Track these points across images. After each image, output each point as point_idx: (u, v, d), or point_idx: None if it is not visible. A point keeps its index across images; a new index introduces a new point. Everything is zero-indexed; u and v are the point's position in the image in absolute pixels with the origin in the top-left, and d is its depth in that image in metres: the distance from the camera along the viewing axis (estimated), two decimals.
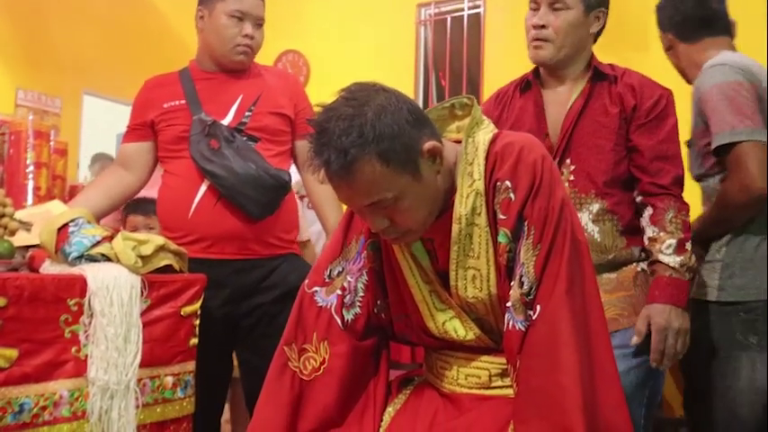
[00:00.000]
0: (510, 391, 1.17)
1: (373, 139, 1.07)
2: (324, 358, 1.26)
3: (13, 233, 1.58)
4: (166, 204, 1.94)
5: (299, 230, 2.06)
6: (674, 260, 1.56)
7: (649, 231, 1.60)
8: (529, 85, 1.76)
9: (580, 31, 1.66)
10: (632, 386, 1.49)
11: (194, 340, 1.64)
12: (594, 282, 1.17)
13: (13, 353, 1.32)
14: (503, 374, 1.21)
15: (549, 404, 1.05)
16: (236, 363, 2.01)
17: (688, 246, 1.58)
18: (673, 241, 1.56)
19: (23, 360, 1.33)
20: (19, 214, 1.71)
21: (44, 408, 1.35)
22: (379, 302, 1.30)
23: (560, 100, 1.70)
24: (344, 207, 1.35)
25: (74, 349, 1.41)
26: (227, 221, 1.84)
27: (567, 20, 1.64)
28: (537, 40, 1.67)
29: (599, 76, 1.68)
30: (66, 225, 1.56)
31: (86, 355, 1.43)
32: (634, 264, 1.64)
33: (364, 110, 1.09)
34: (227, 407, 2.31)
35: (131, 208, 3.00)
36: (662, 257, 1.56)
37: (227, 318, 1.86)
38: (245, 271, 1.87)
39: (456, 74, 4.73)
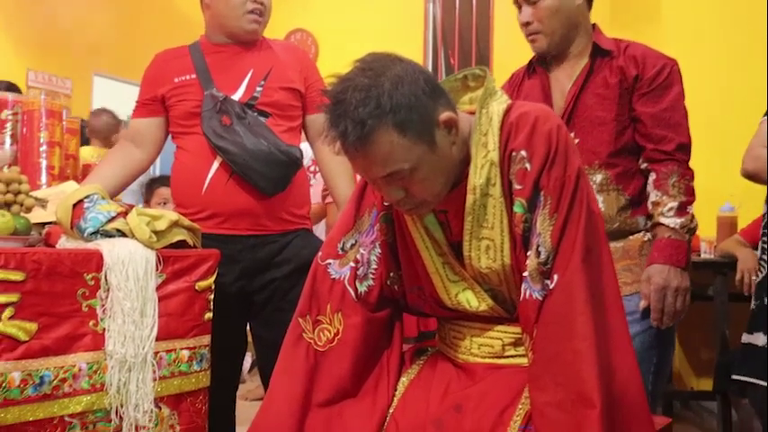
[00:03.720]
0: (523, 360, 1.19)
1: (390, 110, 1.07)
2: (338, 329, 1.27)
3: (29, 210, 1.60)
4: (179, 181, 1.94)
5: (310, 205, 2.07)
6: (674, 222, 1.58)
7: (653, 196, 1.62)
8: (534, 68, 1.81)
9: (564, 10, 1.69)
10: (639, 352, 1.51)
11: (209, 314, 1.65)
12: (608, 251, 1.17)
13: (32, 326, 1.33)
14: (516, 344, 1.22)
15: (566, 371, 1.05)
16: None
17: (690, 209, 1.60)
18: (674, 204, 1.59)
19: (42, 333, 1.35)
20: (34, 194, 1.73)
21: (64, 380, 1.37)
22: (392, 274, 1.31)
23: (564, 79, 1.74)
24: (357, 179, 1.36)
25: (91, 323, 1.43)
26: (239, 197, 1.85)
27: (547, 6, 1.68)
28: (530, 35, 1.73)
29: (599, 51, 1.70)
30: (80, 201, 1.57)
31: (104, 329, 1.44)
32: (641, 233, 1.65)
33: (381, 80, 1.08)
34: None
35: (159, 181, 3.08)
36: (662, 219, 1.59)
37: (241, 293, 1.88)
38: (258, 246, 1.88)
39: (465, 51, 4.70)
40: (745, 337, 2.12)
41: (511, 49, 2.07)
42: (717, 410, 2.81)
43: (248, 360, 3.76)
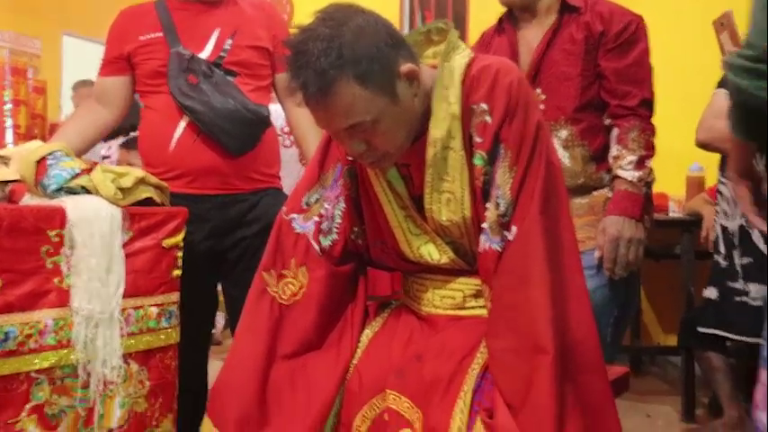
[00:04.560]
0: (483, 312, 1.21)
1: (351, 61, 1.07)
2: (302, 283, 1.28)
3: None
4: (147, 140, 1.92)
5: (280, 164, 2.07)
6: (632, 175, 1.60)
7: (614, 150, 1.65)
8: (503, 26, 1.81)
9: None
10: (599, 304, 1.54)
11: (177, 272, 1.65)
12: (567, 204, 1.19)
13: None
14: (476, 295, 1.24)
15: (521, 319, 1.08)
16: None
17: (648, 163, 1.63)
18: (633, 158, 1.61)
19: (6, 290, 1.34)
20: None
21: (29, 336, 1.37)
22: (355, 229, 1.32)
23: (532, 36, 1.74)
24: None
25: (56, 280, 1.42)
26: (207, 157, 1.84)
27: None
28: None
29: (567, 8, 1.70)
30: (44, 158, 1.56)
31: (69, 286, 1.44)
32: (605, 189, 1.68)
33: (342, 30, 1.08)
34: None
35: (131, 144, 3.09)
36: (621, 172, 1.62)
37: (211, 251, 1.88)
38: (227, 205, 1.88)
39: (441, 10, 4.65)
40: (704, 292, 2.22)
41: (487, 8, 2.05)
42: (680, 364, 2.89)
43: (221, 320, 3.78)
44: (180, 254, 1.67)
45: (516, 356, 1.06)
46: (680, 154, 2.98)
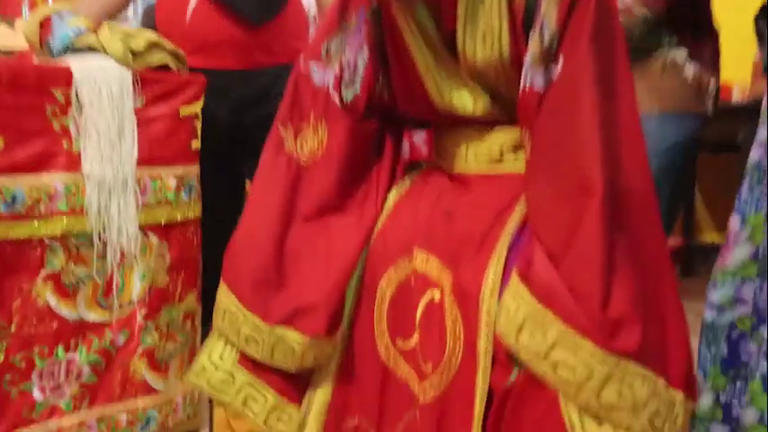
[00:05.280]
0: (522, 167, 1.07)
1: None
2: (321, 139, 1.17)
3: None
4: (163, 11, 1.81)
5: (308, 38, 1.92)
6: None
7: None
8: None
9: None
10: (656, 171, 1.40)
11: (196, 143, 1.56)
12: (622, 38, 1.02)
13: None
14: (515, 149, 1.11)
15: (566, 159, 0.93)
16: None
17: None
18: None
19: (11, 150, 1.27)
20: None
21: (38, 200, 1.30)
22: (380, 80, 1.18)
23: None
24: None
25: (65, 143, 1.34)
26: (226, 28, 1.71)
27: None
28: None
29: None
30: (48, 18, 1.45)
31: (79, 150, 1.36)
32: (664, 52, 1.51)
33: None
34: None
35: None
36: None
37: (234, 128, 1.78)
38: (249, 79, 1.76)
39: None
40: None
41: None
42: None
43: None
44: (198, 125, 1.57)
45: (559, 199, 0.93)
46: (745, 36, 2.71)
